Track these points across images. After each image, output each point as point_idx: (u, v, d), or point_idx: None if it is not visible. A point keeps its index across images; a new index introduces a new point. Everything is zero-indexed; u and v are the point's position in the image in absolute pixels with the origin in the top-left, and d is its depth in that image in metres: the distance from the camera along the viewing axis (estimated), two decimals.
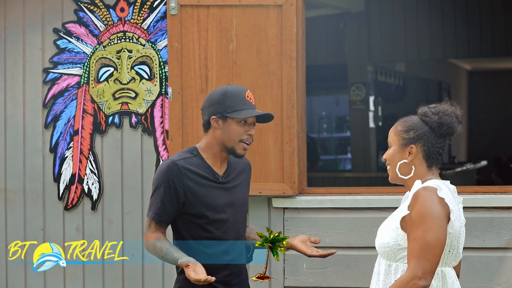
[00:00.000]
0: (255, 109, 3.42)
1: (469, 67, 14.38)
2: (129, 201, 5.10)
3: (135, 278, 5.06)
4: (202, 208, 3.34)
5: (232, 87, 3.43)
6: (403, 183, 3.01)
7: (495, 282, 4.58)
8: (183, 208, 3.35)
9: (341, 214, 4.79)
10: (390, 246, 2.91)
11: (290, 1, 4.81)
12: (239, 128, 3.36)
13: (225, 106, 3.35)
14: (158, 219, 3.34)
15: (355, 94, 10.89)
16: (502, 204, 4.59)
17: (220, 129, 3.37)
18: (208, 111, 3.39)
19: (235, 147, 3.37)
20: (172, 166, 3.33)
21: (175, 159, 3.37)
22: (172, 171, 3.32)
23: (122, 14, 5.13)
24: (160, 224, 3.35)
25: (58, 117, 5.19)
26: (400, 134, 2.98)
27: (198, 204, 3.34)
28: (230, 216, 3.40)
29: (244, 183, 3.52)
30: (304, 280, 4.82)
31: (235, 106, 3.35)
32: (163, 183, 3.33)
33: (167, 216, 3.34)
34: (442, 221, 2.82)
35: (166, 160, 3.40)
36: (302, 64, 4.90)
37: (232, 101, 3.35)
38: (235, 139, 3.36)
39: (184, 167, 3.34)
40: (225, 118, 3.35)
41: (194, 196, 3.33)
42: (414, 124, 2.96)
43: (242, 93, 3.38)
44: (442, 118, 2.93)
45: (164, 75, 5.06)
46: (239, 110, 3.34)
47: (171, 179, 3.31)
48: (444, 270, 2.91)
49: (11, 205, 5.24)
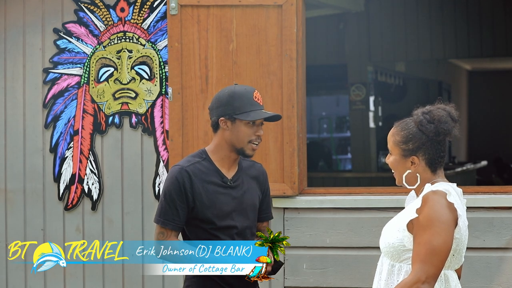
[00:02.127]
0: (263, 109, 3.42)
1: (469, 67, 14.37)
2: (129, 201, 5.09)
3: (135, 278, 5.06)
4: (209, 215, 3.36)
5: (240, 88, 3.42)
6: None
7: (495, 282, 4.58)
8: (191, 214, 3.36)
9: (341, 214, 4.79)
10: (395, 247, 2.91)
11: (290, 1, 4.81)
12: (248, 129, 3.36)
13: (234, 107, 3.34)
14: (172, 225, 3.34)
15: (355, 94, 10.89)
16: (502, 204, 4.59)
17: (229, 131, 3.37)
18: (217, 112, 3.39)
19: (244, 148, 3.37)
20: (182, 172, 3.35)
21: (184, 165, 3.38)
22: (182, 176, 3.34)
23: (122, 14, 5.13)
24: (175, 230, 3.35)
25: (58, 117, 5.18)
26: (399, 145, 2.96)
27: (205, 210, 3.35)
28: (237, 223, 3.41)
29: (255, 190, 3.50)
30: (304, 280, 4.82)
31: (243, 107, 3.34)
32: (174, 189, 3.34)
33: (181, 221, 3.36)
34: (449, 226, 2.81)
35: (175, 166, 3.41)
36: (302, 64, 4.90)
37: (240, 102, 3.34)
38: (244, 140, 3.36)
39: (194, 173, 3.35)
40: (233, 119, 3.35)
41: (202, 202, 3.35)
42: (411, 134, 2.93)
43: (250, 93, 3.38)
44: (438, 127, 2.91)
45: (164, 75, 5.06)
46: (247, 111, 3.34)
47: (182, 185, 3.33)
48: (447, 273, 2.91)
49: (11, 205, 5.24)
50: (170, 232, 3.35)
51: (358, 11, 9.61)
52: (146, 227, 5.04)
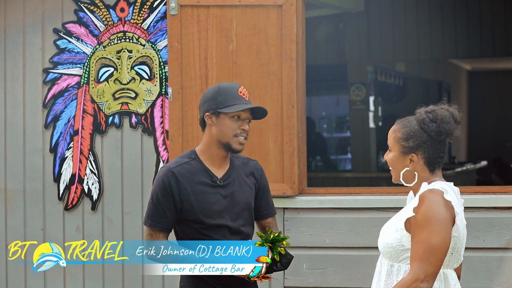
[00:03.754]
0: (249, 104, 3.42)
1: (469, 67, 14.36)
2: (129, 201, 5.10)
3: (135, 278, 5.06)
4: (198, 215, 3.36)
5: (225, 84, 3.44)
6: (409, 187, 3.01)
7: (495, 282, 4.58)
8: (180, 214, 3.36)
9: (341, 214, 4.79)
10: (394, 247, 2.91)
11: (290, 1, 4.81)
12: (232, 123, 3.36)
13: (217, 102, 3.36)
14: (160, 226, 3.35)
15: (355, 94, 10.89)
16: (502, 204, 4.59)
17: (214, 126, 3.38)
18: (202, 108, 3.42)
19: (230, 142, 3.37)
20: (168, 174, 3.36)
21: (171, 166, 3.38)
22: (169, 178, 3.35)
23: (122, 14, 5.13)
24: (163, 231, 3.36)
25: (58, 117, 5.19)
26: (399, 141, 2.96)
27: (194, 210, 3.35)
28: (229, 222, 3.41)
29: (249, 187, 3.50)
30: (304, 280, 4.82)
31: (227, 101, 3.35)
32: (161, 191, 3.35)
33: (168, 223, 3.36)
34: (447, 225, 2.81)
35: (162, 167, 3.42)
36: (302, 64, 4.90)
37: (224, 97, 3.36)
38: (229, 134, 3.36)
39: (180, 174, 3.35)
40: (218, 114, 3.36)
41: (190, 203, 3.35)
42: (413, 132, 2.94)
43: (235, 89, 3.39)
44: (440, 127, 2.92)
45: (164, 75, 5.06)
46: (230, 105, 3.35)
47: (168, 186, 3.33)
48: (446, 272, 2.91)
49: (11, 205, 5.24)
50: (159, 233, 3.36)
51: (358, 11, 9.61)
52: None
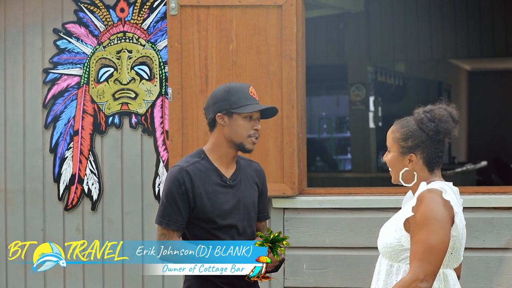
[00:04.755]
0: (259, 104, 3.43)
1: (469, 67, 14.37)
2: (129, 201, 5.10)
3: (135, 278, 5.06)
4: (210, 214, 3.36)
5: (235, 84, 3.45)
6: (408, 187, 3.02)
7: (495, 282, 4.58)
8: (192, 214, 3.36)
9: (341, 215, 4.79)
10: (393, 247, 2.91)
11: (290, 1, 4.81)
12: (246, 123, 3.37)
13: (231, 102, 3.36)
14: (176, 225, 3.34)
15: (355, 95, 10.89)
16: (502, 205, 4.59)
17: (227, 126, 3.38)
18: (213, 109, 3.40)
19: (244, 142, 3.38)
20: (182, 172, 3.35)
21: (183, 165, 3.37)
22: (183, 177, 3.34)
23: (122, 14, 5.13)
24: (178, 230, 3.35)
25: (58, 117, 5.19)
26: (398, 142, 2.97)
27: (206, 210, 3.35)
28: (238, 222, 3.41)
29: (253, 188, 3.51)
30: (304, 280, 4.82)
31: (240, 101, 3.36)
32: (176, 189, 3.33)
33: (184, 222, 3.35)
34: (446, 224, 2.82)
35: (174, 166, 3.40)
36: (302, 64, 4.90)
37: (237, 97, 3.36)
38: (243, 134, 3.37)
39: (194, 173, 3.35)
40: (231, 114, 3.36)
41: (202, 202, 3.34)
42: (411, 131, 2.95)
43: (245, 89, 3.41)
44: (438, 126, 2.92)
45: (164, 75, 5.06)
46: (244, 105, 3.35)
47: (183, 185, 3.33)
48: (445, 272, 2.91)
49: (11, 205, 5.24)
50: (173, 233, 3.35)
51: (358, 11, 9.62)
52: (146, 227, 5.04)
